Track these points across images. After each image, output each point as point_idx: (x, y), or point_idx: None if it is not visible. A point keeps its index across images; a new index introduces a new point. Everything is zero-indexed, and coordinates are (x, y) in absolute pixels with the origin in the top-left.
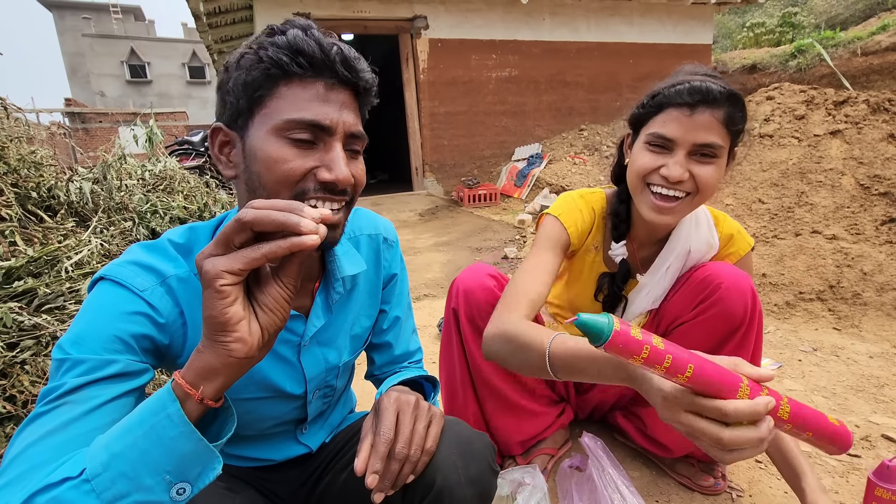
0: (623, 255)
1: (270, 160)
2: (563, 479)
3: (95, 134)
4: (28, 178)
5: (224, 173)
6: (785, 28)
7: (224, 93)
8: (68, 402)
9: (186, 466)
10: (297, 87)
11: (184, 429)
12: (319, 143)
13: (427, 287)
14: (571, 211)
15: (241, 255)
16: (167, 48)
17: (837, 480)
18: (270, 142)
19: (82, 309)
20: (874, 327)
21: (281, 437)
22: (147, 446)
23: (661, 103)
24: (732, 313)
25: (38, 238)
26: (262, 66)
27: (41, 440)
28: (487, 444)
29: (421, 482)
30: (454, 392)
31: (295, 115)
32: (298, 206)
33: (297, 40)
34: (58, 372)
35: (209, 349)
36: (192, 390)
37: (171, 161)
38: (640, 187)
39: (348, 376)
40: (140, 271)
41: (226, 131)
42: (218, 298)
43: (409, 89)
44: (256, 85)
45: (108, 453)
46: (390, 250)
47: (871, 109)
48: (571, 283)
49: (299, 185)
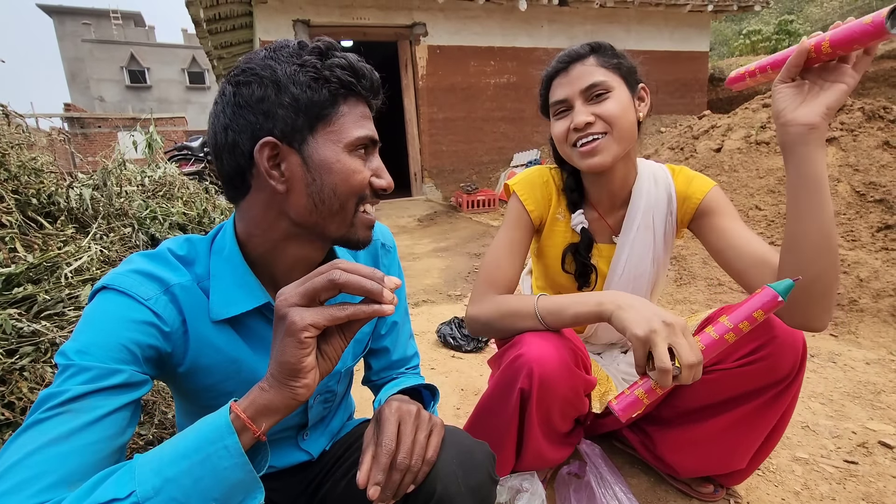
0: (583, 223)
1: (349, 172)
2: (561, 485)
3: (95, 139)
4: (28, 184)
5: (277, 188)
6: (781, 35)
7: (273, 107)
8: (71, 411)
9: (233, 495)
10: (353, 106)
11: (238, 460)
12: (368, 154)
13: (426, 293)
14: (528, 185)
15: (329, 313)
16: (167, 54)
17: (835, 487)
18: (346, 157)
19: (85, 318)
20: (871, 334)
21: (282, 444)
22: (202, 474)
23: (548, 81)
24: (779, 368)
25: (37, 244)
26: (330, 87)
27: (43, 448)
28: (487, 453)
29: (421, 491)
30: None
31: (360, 132)
32: (381, 276)
33: (357, 64)
34: (60, 377)
35: (275, 389)
36: (252, 426)
37: (171, 167)
38: (567, 150)
39: (348, 381)
40: (143, 280)
41: (280, 145)
42: (299, 348)
43: (407, 95)
44: (324, 104)
45: (160, 478)
46: (388, 255)
47: (866, 117)
48: (547, 259)
49: (363, 192)
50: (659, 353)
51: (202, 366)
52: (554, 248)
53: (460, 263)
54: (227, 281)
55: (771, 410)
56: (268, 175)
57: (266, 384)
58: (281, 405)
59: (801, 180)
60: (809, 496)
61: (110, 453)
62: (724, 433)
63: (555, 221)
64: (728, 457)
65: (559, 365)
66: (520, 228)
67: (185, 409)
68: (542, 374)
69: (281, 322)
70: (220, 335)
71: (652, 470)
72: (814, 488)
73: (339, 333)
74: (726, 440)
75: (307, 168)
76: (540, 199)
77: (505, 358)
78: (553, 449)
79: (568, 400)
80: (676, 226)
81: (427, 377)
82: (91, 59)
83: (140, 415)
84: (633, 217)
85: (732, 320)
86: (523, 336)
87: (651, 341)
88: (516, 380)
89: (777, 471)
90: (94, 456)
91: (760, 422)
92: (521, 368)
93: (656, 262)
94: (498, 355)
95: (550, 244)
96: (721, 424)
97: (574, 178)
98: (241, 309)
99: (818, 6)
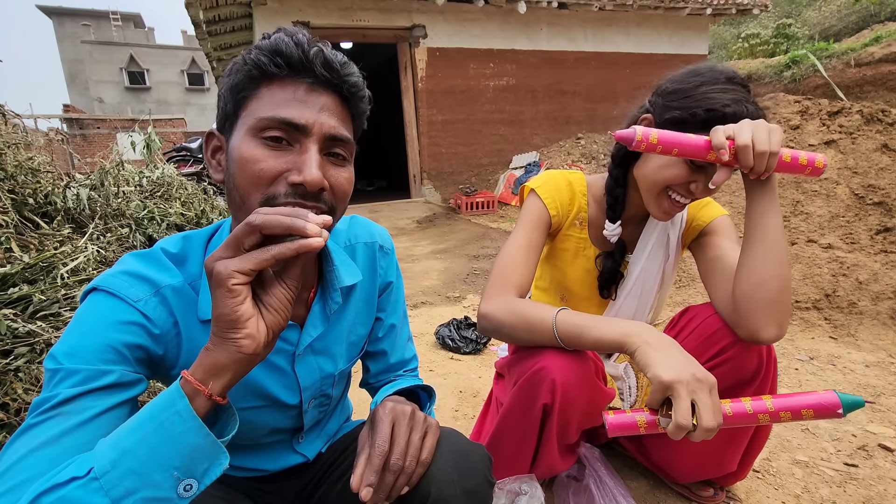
0: (618, 234)
1: (243, 160)
2: (560, 489)
3: (94, 140)
4: (25, 184)
5: (214, 177)
6: (779, 39)
7: (219, 99)
8: (62, 413)
9: (194, 462)
10: (277, 88)
11: (192, 424)
12: (295, 144)
13: (424, 294)
14: (552, 187)
15: (252, 257)
16: (166, 55)
17: (835, 490)
18: (245, 141)
19: (74, 319)
20: (870, 336)
21: (277, 447)
22: (156, 442)
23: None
24: (744, 368)
25: (34, 244)
26: (245, 69)
27: (35, 452)
28: (484, 455)
29: (416, 494)
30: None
31: (269, 113)
32: (304, 212)
33: (277, 42)
34: (51, 382)
35: (219, 346)
36: (201, 387)
37: (169, 167)
38: (658, 191)
39: (344, 385)
40: (134, 281)
41: (217, 136)
42: (229, 297)
43: (407, 97)
44: (241, 87)
45: (116, 451)
46: (386, 258)
47: (864, 120)
48: (557, 262)
49: (270, 189)
50: (681, 408)
51: None
52: (567, 252)
53: (459, 265)
54: None
55: None
56: (209, 164)
57: (210, 343)
58: (228, 361)
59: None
60: (810, 499)
61: None
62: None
63: (571, 226)
64: (718, 461)
65: (582, 378)
66: (538, 230)
67: None
68: (564, 389)
69: (210, 278)
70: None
71: (651, 474)
72: (814, 491)
73: (280, 281)
74: (713, 445)
75: (227, 156)
76: (562, 203)
77: (523, 368)
78: (563, 460)
79: (587, 414)
80: (682, 246)
81: (426, 379)
82: (90, 61)
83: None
84: (649, 236)
85: (776, 405)
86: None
87: (675, 391)
88: (538, 395)
89: (777, 474)
90: None
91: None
92: (542, 382)
93: (664, 279)
94: (512, 361)
95: (563, 248)
96: None
97: (624, 189)
98: None
99: (816, 10)
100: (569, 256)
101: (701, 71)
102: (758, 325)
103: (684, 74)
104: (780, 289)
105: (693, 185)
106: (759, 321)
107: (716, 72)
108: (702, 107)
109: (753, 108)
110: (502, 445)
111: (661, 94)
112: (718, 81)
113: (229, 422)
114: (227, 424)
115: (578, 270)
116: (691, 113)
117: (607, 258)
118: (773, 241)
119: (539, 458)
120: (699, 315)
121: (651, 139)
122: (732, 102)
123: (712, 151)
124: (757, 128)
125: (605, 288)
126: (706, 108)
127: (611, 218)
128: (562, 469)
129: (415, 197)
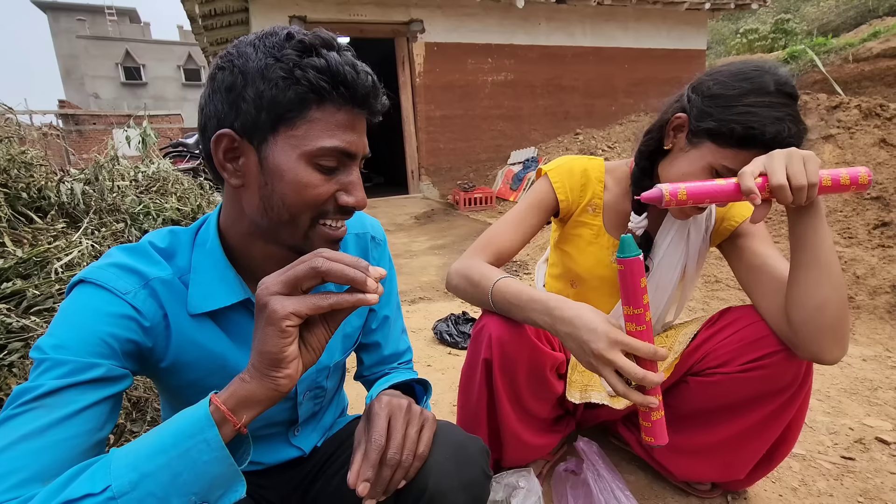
0: (643, 227)
1: (301, 184)
2: (558, 482)
3: (89, 136)
4: (18, 178)
5: (230, 181)
6: (778, 34)
7: (237, 98)
8: (45, 406)
9: (213, 489)
10: (329, 113)
11: (219, 454)
12: (340, 167)
13: (423, 290)
14: (564, 172)
15: (311, 302)
16: (162, 50)
17: (832, 483)
18: (300, 166)
19: (61, 311)
20: (867, 330)
21: (272, 440)
22: (180, 469)
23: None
24: (781, 377)
25: (27, 239)
26: (298, 89)
27: (16, 444)
28: (481, 448)
29: (413, 487)
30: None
31: (327, 143)
32: (365, 265)
33: (338, 68)
34: (35, 372)
35: (257, 381)
36: (232, 417)
37: (165, 163)
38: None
39: (339, 377)
40: (122, 274)
41: (236, 138)
42: (280, 337)
43: (405, 93)
44: (289, 106)
45: (136, 473)
46: (378, 248)
47: (862, 115)
48: (568, 248)
49: (321, 208)
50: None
51: (184, 361)
52: (579, 238)
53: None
54: (208, 274)
55: (774, 422)
56: (221, 167)
57: (247, 375)
58: (262, 396)
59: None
60: (807, 492)
61: (87, 448)
62: (723, 443)
63: (584, 213)
64: (725, 467)
65: (518, 334)
66: (536, 211)
67: (171, 406)
68: (501, 344)
69: (262, 311)
70: (201, 330)
71: (649, 467)
72: (811, 484)
73: (323, 323)
74: (725, 450)
75: (262, 169)
76: (573, 189)
77: (474, 328)
78: (533, 434)
79: (534, 373)
80: (709, 243)
81: (424, 374)
82: (86, 56)
83: (120, 410)
84: (669, 228)
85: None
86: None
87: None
88: (479, 350)
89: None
90: (71, 451)
91: (762, 433)
92: (483, 339)
93: (686, 275)
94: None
95: (576, 234)
96: (720, 433)
97: (651, 180)
98: (218, 304)
99: (814, 5)
100: (581, 243)
101: (749, 74)
102: (820, 348)
103: (730, 76)
104: (840, 311)
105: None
106: (821, 345)
107: (765, 78)
108: (741, 124)
109: (794, 129)
110: (462, 405)
111: (702, 95)
112: (765, 92)
113: (245, 450)
114: (243, 452)
115: (590, 258)
116: (729, 129)
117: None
118: (827, 263)
119: (502, 430)
120: (743, 318)
121: (680, 196)
122: (774, 122)
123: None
124: (791, 161)
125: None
126: (745, 125)
127: (636, 210)
128: (537, 447)
129: (413, 193)
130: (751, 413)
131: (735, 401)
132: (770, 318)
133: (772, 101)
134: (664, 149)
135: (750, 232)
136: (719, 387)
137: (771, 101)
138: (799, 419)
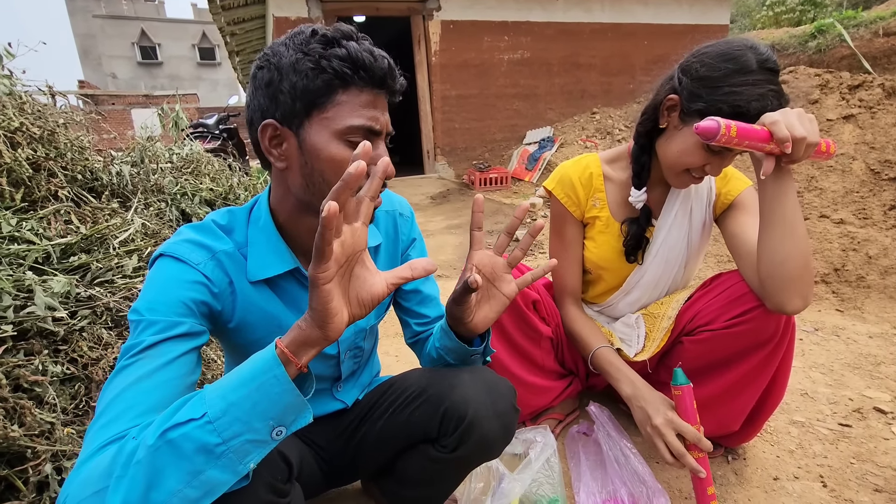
0: (643, 200)
1: (336, 161)
2: (571, 442)
3: (109, 117)
4: (75, 161)
5: (276, 165)
6: (806, 7)
7: (276, 92)
8: (148, 356)
9: (286, 414)
10: (353, 95)
11: (287, 387)
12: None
13: (440, 268)
14: (567, 185)
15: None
16: (177, 29)
17: (827, 447)
18: (333, 144)
19: (148, 280)
20: (876, 309)
21: (320, 395)
22: (258, 398)
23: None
24: (764, 329)
25: (88, 217)
26: (325, 76)
27: (132, 386)
28: (510, 387)
29: (455, 414)
30: None
31: (355, 121)
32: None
33: (358, 55)
34: (135, 331)
35: (310, 328)
36: (294, 359)
37: (196, 144)
38: (678, 170)
39: (374, 340)
40: (194, 248)
41: (279, 127)
42: (320, 296)
43: (420, 72)
44: (319, 92)
45: (225, 402)
46: (407, 223)
47: (885, 94)
48: (588, 241)
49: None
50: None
51: (248, 322)
52: (592, 229)
53: None
54: (263, 247)
55: (760, 374)
56: (267, 153)
57: (304, 323)
58: (316, 341)
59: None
60: (803, 454)
61: (185, 388)
62: (717, 397)
63: (591, 209)
64: (721, 420)
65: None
66: (569, 230)
67: (236, 363)
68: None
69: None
70: (260, 294)
71: None
72: (807, 447)
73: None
74: (718, 404)
75: (301, 151)
76: (576, 197)
77: None
78: (536, 377)
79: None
80: (712, 217)
81: None
82: (102, 36)
83: (202, 361)
84: (673, 203)
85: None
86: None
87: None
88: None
89: (774, 432)
90: (173, 390)
91: (750, 385)
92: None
93: (690, 247)
94: None
95: (590, 226)
96: (713, 388)
97: (649, 156)
98: (272, 272)
99: None
100: (594, 234)
101: (733, 54)
102: (783, 299)
103: (715, 57)
104: (802, 265)
105: (708, 167)
106: (783, 296)
107: (748, 56)
108: (728, 104)
109: (776, 103)
110: None
111: (690, 77)
112: (748, 71)
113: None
114: (308, 386)
115: (603, 246)
116: (717, 109)
117: (632, 224)
118: (791, 221)
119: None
120: (728, 280)
121: (732, 133)
122: (758, 98)
123: (771, 143)
124: (801, 119)
125: (632, 253)
126: (732, 104)
127: (636, 185)
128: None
129: (428, 173)
130: (738, 366)
131: (723, 356)
132: (748, 278)
133: (756, 80)
134: (660, 127)
135: (743, 205)
136: (708, 343)
137: (755, 79)
138: (784, 370)
